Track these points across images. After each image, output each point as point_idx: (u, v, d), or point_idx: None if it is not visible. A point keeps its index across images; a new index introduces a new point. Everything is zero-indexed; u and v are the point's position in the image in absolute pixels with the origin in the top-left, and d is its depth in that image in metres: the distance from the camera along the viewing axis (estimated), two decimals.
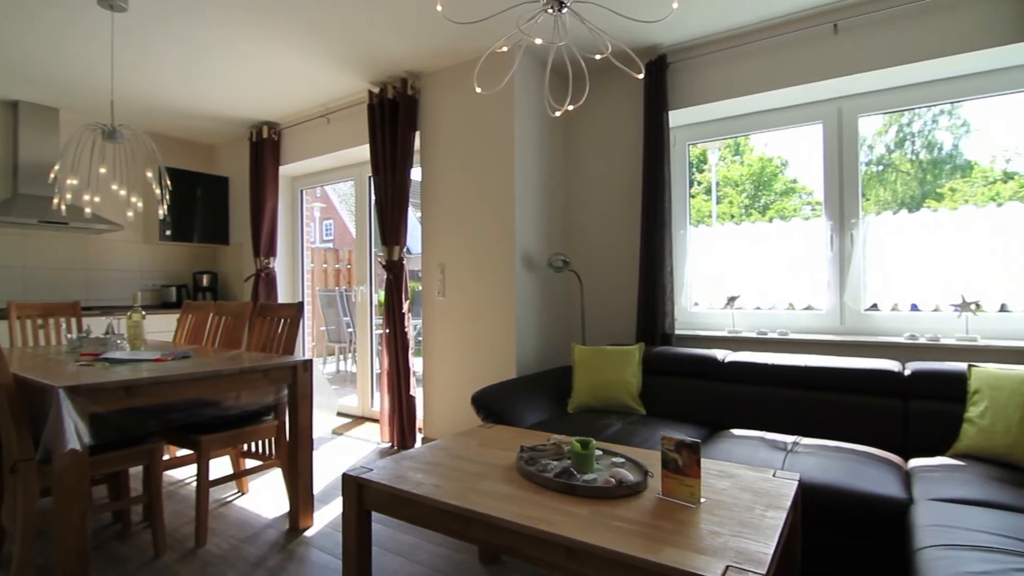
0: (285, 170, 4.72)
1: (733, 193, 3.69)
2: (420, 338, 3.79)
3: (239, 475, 2.57)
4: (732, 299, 3.14)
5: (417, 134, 3.63)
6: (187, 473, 3.15)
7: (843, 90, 2.86)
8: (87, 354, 2.45)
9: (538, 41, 1.69)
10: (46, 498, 1.95)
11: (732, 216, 3.62)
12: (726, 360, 2.71)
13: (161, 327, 4.38)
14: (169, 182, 2.96)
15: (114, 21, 2.89)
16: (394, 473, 1.68)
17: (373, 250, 4.39)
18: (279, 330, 2.85)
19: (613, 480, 1.50)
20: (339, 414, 4.51)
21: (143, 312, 2.79)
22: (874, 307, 2.84)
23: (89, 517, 1.84)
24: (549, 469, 1.62)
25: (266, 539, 2.33)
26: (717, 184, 3.70)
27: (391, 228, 3.59)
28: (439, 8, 1.70)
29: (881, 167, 3.00)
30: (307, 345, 5.07)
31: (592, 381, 2.79)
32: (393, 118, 3.60)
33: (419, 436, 3.69)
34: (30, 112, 4.12)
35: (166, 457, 2.79)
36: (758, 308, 3.14)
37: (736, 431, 2.43)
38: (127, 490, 2.48)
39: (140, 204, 2.94)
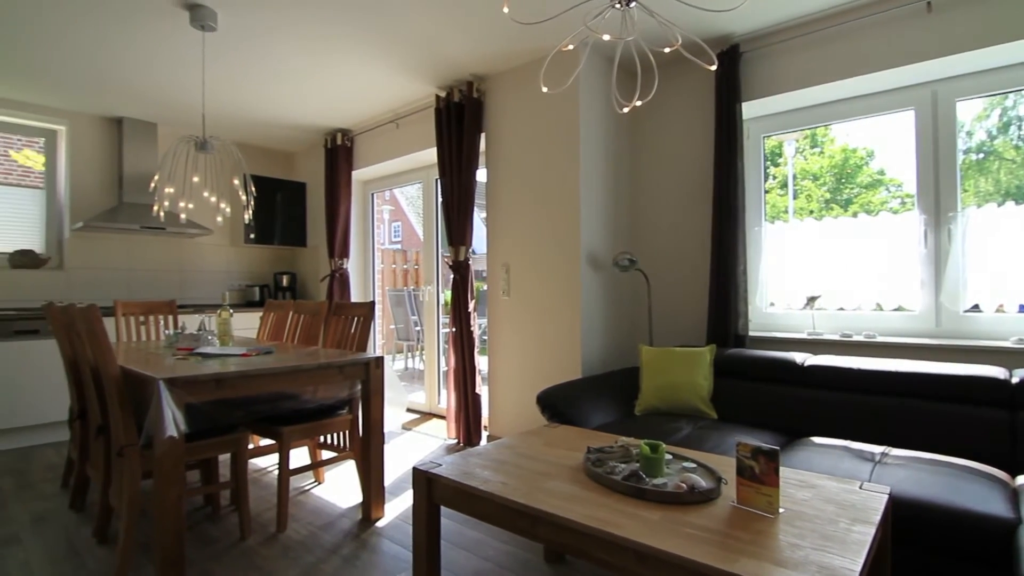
0: (357, 175, 4.91)
1: (812, 187, 3.49)
2: (485, 337, 3.84)
3: (316, 465, 2.70)
4: (812, 299, 2.97)
5: (482, 136, 3.67)
6: (269, 462, 3.34)
7: (937, 73, 2.63)
8: (182, 349, 2.65)
9: (606, 37, 1.67)
10: (147, 480, 2.12)
11: (811, 211, 3.42)
12: (806, 364, 2.56)
13: (246, 324, 4.68)
14: (253, 188, 3.16)
15: (205, 41, 3.12)
16: (462, 469, 1.71)
17: (440, 251, 4.49)
18: (353, 328, 2.97)
19: (684, 485, 1.46)
20: (408, 410, 4.65)
21: (231, 310, 2.99)
22: (975, 308, 2.60)
23: (184, 499, 1.99)
24: (617, 472, 1.59)
25: (341, 527, 2.44)
26: (794, 177, 3.51)
27: (457, 229, 3.66)
28: (505, 10, 1.72)
29: (982, 155, 2.74)
30: (378, 343, 5.26)
31: (660, 383, 2.72)
32: (459, 121, 3.66)
33: (484, 434, 3.74)
34: (132, 127, 4.51)
35: (250, 446, 2.98)
36: (841, 309, 2.96)
37: (817, 439, 2.29)
38: (217, 476, 2.67)
39: (228, 209, 3.14)
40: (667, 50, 1.83)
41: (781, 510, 1.38)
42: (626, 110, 1.92)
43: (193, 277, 5.03)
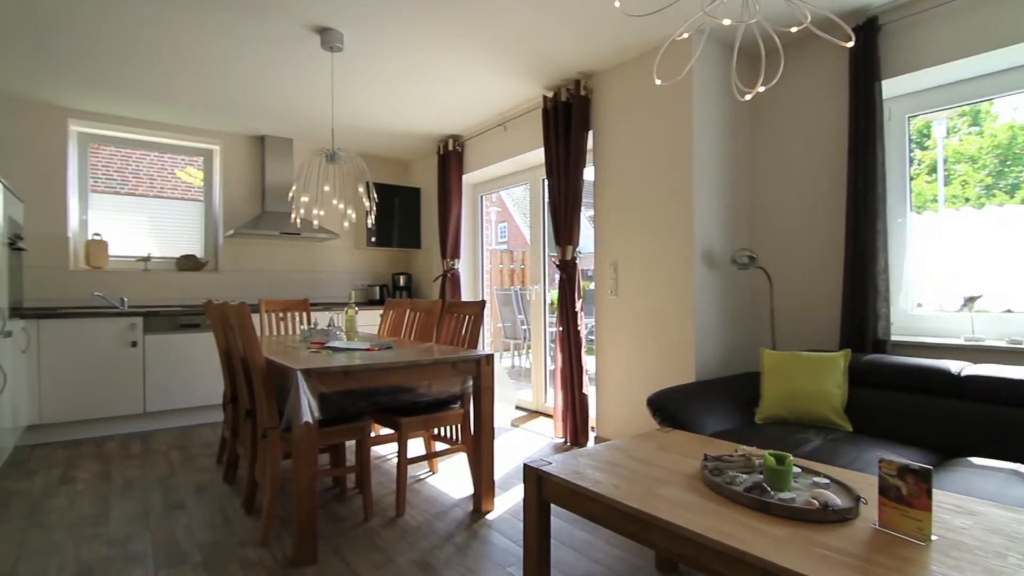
0: (467, 178, 5.09)
1: (969, 170, 3.04)
2: (592, 336, 3.80)
3: (430, 456, 2.84)
4: (971, 299, 2.60)
5: (589, 134, 3.64)
6: (387, 450, 3.56)
7: None
8: (315, 343, 2.91)
9: (726, 22, 1.58)
10: (286, 460, 2.35)
11: (967, 199, 2.99)
12: (963, 373, 2.25)
13: (367, 321, 5.04)
14: (376, 195, 3.39)
15: (333, 61, 3.40)
16: (572, 469, 1.70)
17: (546, 250, 4.52)
18: (464, 326, 3.08)
19: (816, 502, 1.34)
20: (516, 407, 4.73)
21: (356, 308, 3.23)
22: None
23: (317, 479, 2.18)
24: (738, 482, 1.50)
25: (453, 517, 2.54)
26: (945, 161, 3.09)
27: (564, 228, 3.66)
28: (617, 3, 1.68)
29: None
30: (486, 340, 5.41)
31: (785, 390, 2.53)
32: (566, 120, 3.66)
33: (592, 434, 3.70)
34: (273, 144, 5.03)
35: (372, 435, 3.20)
36: (1008, 311, 2.56)
37: (976, 460, 2.00)
38: (344, 460, 2.90)
39: (353, 215, 3.40)
40: (795, 29, 1.70)
41: (933, 537, 1.22)
42: (748, 97, 1.81)
43: (323, 278, 5.50)
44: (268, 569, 2.06)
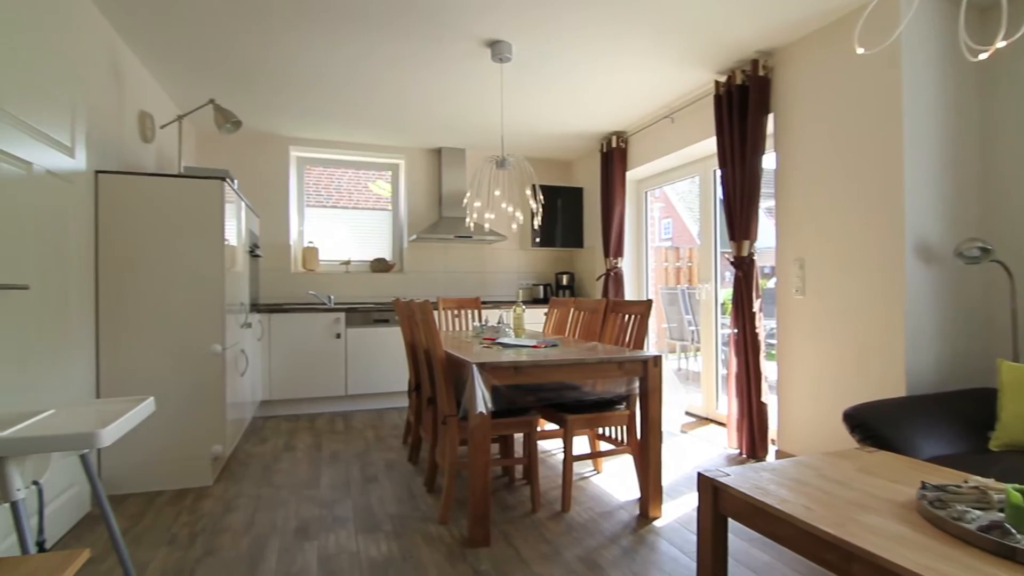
0: (631, 175, 4.98)
1: None
2: (772, 340, 3.46)
3: (595, 455, 2.83)
4: None
5: (769, 117, 3.33)
6: (551, 446, 3.64)
7: None
8: (487, 338, 3.09)
9: None
10: (462, 446, 2.53)
11: None
12: None
13: (531, 319, 5.21)
14: (542, 197, 3.48)
15: (502, 72, 3.57)
16: (753, 483, 1.57)
17: (718, 246, 4.23)
18: (630, 325, 3.02)
19: None
20: (686, 413, 4.51)
21: (523, 306, 3.36)
22: None
23: (489, 467, 2.31)
24: (969, 519, 1.25)
25: (618, 519, 2.50)
26: None
27: (740, 222, 3.39)
28: None
29: None
30: (650, 341, 5.24)
31: None
32: (742, 105, 3.39)
33: (772, 448, 3.38)
34: (448, 155, 5.45)
35: (538, 429, 3.29)
36: None
37: None
38: (512, 452, 3.02)
39: (521, 217, 3.53)
40: None
41: None
42: (983, 56, 1.49)
43: (491, 278, 5.82)
44: (447, 545, 2.24)
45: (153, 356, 2.82)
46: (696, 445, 3.65)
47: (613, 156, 4.92)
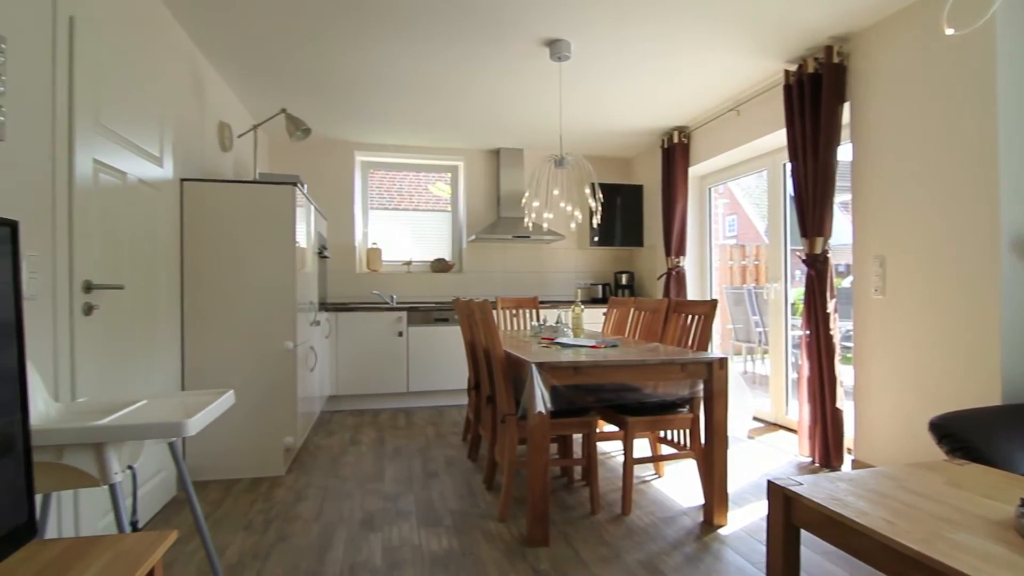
0: (694, 171, 4.84)
1: None
2: (847, 343, 3.26)
3: (657, 459, 2.76)
4: None
5: (845, 106, 3.14)
6: (610, 448, 3.59)
7: None
8: (545, 338, 3.08)
9: None
10: (521, 445, 2.54)
11: None
12: None
13: (590, 319, 5.16)
14: (601, 195, 3.44)
15: (561, 71, 3.55)
16: (829, 493, 1.48)
17: (788, 244, 4.04)
18: (693, 326, 2.93)
19: None
20: (753, 418, 4.34)
21: (582, 306, 3.33)
22: None
23: (548, 466, 2.30)
24: None
25: (681, 525, 2.43)
26: None
27: (813, 218, 3.22)
28: None
29: None
30: (714, 343, 5.07)
31: None
32: (815, 94, 3.22)
33: (848, 457, 3.19)
34: (506, 155, 5.48)
35: (597, 430, 3.26)
36: None
37: None
38: (571, 452, 3.01)
39: (579, 216, 3.51)
40: None
41: None
42: None
43: (549, 277, 5.81)
44: (506, 543, 2.25)
45: (231, 352, 3.00)
46: (764, 452, 3.50)
47: (675, 152, 4.79)
